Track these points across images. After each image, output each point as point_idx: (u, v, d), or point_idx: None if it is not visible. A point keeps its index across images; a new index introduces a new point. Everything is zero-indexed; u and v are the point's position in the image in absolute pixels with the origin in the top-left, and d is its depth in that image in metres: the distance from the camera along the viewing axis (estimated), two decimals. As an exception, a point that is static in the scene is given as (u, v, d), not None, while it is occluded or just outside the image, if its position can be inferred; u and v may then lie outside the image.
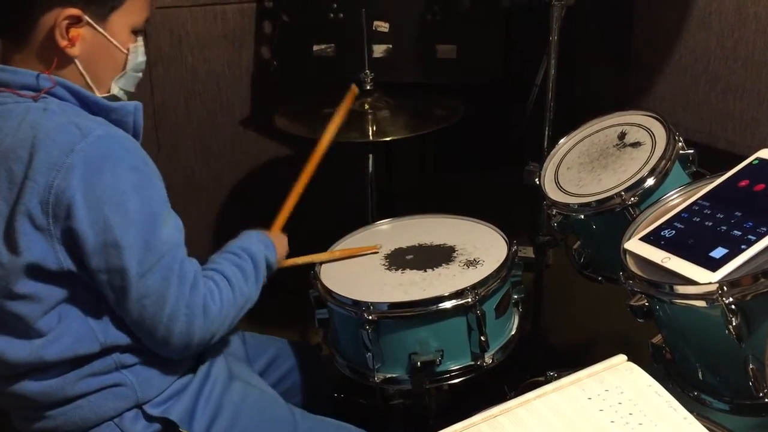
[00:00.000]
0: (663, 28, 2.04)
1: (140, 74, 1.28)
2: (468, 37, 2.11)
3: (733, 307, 0.99)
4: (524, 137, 2.03)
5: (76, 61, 1.18)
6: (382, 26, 2.12)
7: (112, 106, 1.20)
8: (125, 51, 1.22)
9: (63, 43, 1.15)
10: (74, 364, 1.17)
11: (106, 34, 1.19)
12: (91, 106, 1.18)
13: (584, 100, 2.41)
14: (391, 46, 2.12)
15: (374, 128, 1.92)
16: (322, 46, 2.17)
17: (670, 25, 2.01)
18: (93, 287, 1.15)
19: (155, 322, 1.16)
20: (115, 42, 1.20)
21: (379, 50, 2.12)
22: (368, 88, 1.98)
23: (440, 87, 2.24)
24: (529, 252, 1.92)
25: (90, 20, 1.17)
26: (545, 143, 1.79)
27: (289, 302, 1.45)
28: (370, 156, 1.96)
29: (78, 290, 1.15)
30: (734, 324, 0.99)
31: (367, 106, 1.98)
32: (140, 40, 1.25)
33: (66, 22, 1.14)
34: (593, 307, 2.18)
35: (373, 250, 1.54)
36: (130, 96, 1.28)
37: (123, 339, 1.19)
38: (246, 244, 1.36)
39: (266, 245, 1.38)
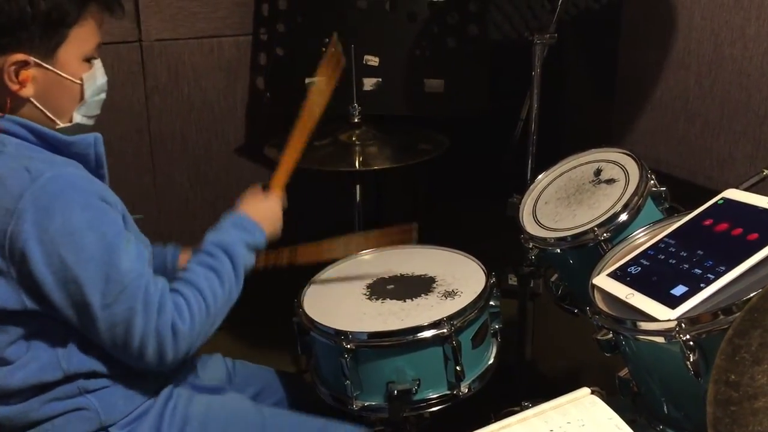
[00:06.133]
0: (645, 67, 2.10)
1: (103, 95, 1.27)
2: (455, 73, 2.17)
3: (691, 343, 1.01)
4: (509, 170, 2.08)
5: (32, 99, 1.18)
6: (372, 60, 2.17)
7: (71, 140, 1.19)
8: (79, 81, 1.21)
9: (14, 87, 1.15)
10: (37, 390, 1.19)
11: (55, 70, 1.18)
12: (50, 142, 1.18)
13: (569, 135, 2.47)
14: (380, 79, 2.18)
15: (361, 159, 1.97)
16: (314, 79, 2.22)
17: (652, 64, 2.07)
18: (59, 320, 1.17)
19: (127, 346, 1.18)
20: (66, 76, 1.19)
21: (368, 83, 2.17)
22: (356, 120, 2.03)
23: (428, 119, 2.29)
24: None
25: (37, 60, 1.16)
26: (528, 176, 1.83)
27: (275, 326, 1.47)
28: (358, 186, 2.01)
29: (44, 322, 1.17)
30: (692, 360, 1.01)
31: (355, 138, 2.03)
32: (96, 63, 1.24)
33: (13, 67, 1.15)
34: (578, 337, 2.20)
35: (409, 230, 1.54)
36: (95, 120, 1.27)
37: (87, 366, 1.20)
38: (220, 237, 1.30)
39: (245, 229, 1.32)
